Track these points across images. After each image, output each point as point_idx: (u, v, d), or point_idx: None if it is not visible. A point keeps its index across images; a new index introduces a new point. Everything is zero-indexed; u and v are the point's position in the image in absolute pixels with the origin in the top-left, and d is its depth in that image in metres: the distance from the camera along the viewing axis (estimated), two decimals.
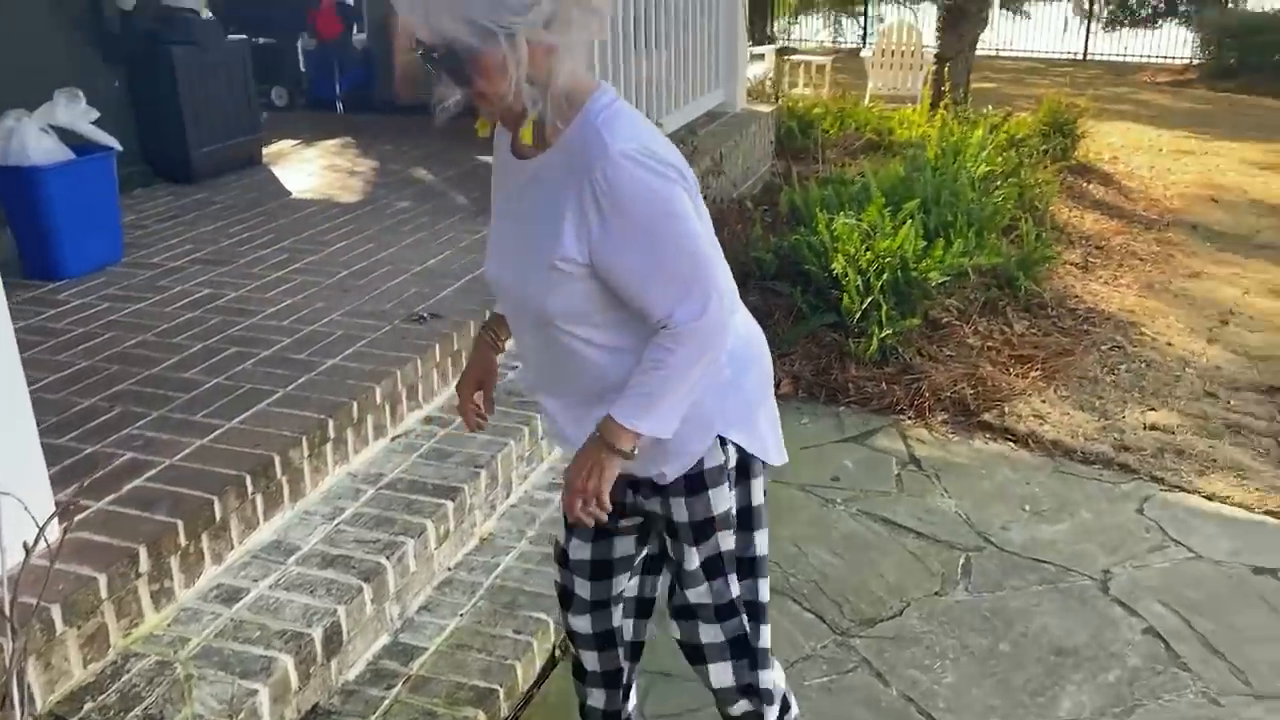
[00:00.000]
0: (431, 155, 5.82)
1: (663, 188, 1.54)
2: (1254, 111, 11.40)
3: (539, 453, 3.28)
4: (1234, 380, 4.51)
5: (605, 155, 1.52)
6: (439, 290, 3.67)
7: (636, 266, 1.58)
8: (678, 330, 1.60)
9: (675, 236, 1.57)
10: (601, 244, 1.56)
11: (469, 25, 1.45)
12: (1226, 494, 3.63)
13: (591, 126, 1.55)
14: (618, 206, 1.53)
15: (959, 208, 5.25)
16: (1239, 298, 5.57)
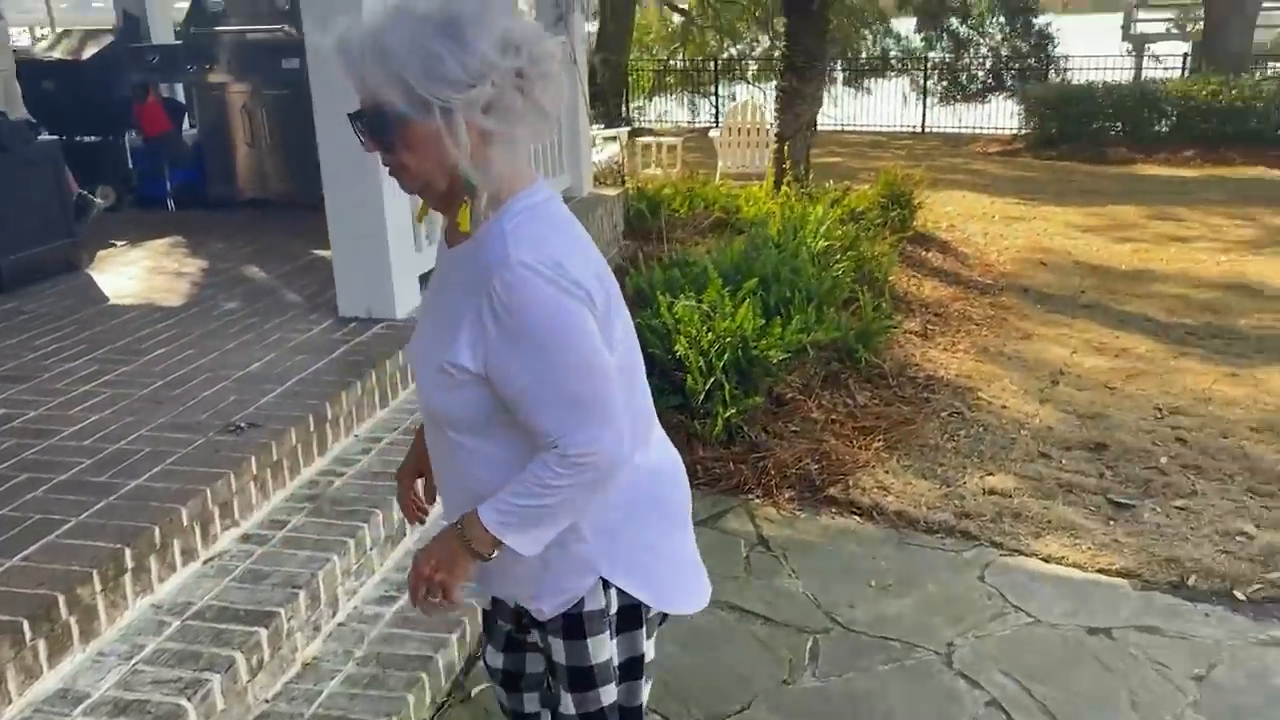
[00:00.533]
0: (267, 250, 5.64)
1: (563, 304, 1.47)
2: (1075, 177, 12.13)
3: (368, 565, 3.12)
4: (1065, 440, 4.67)
5: (505, 263, 1.46)
6: (260, 396, 3.50)
7: (529, 384, 1.50)
8: (566, 456, 1.51)
9: (572, 358, 1.49)
10: (495, 355, 1.49)
11: (404, 91, 1.41)
12: (1061, 554, 3.72)
13: (499, 229, 1.50)
14: (513, 318, 1.46)
15: (798, 284, 5.35)
16: (1067, 357, 5.82)
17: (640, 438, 1.69)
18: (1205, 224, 9.31)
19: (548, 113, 1.50)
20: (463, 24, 1.42)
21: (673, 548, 1.80)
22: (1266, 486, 4.21)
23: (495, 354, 1.49)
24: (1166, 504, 4.08)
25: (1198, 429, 4.79)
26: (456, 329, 1.50)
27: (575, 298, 1.48)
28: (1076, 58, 17.21)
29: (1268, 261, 7.86)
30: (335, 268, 4.35)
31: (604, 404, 1.52)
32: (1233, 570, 3.57)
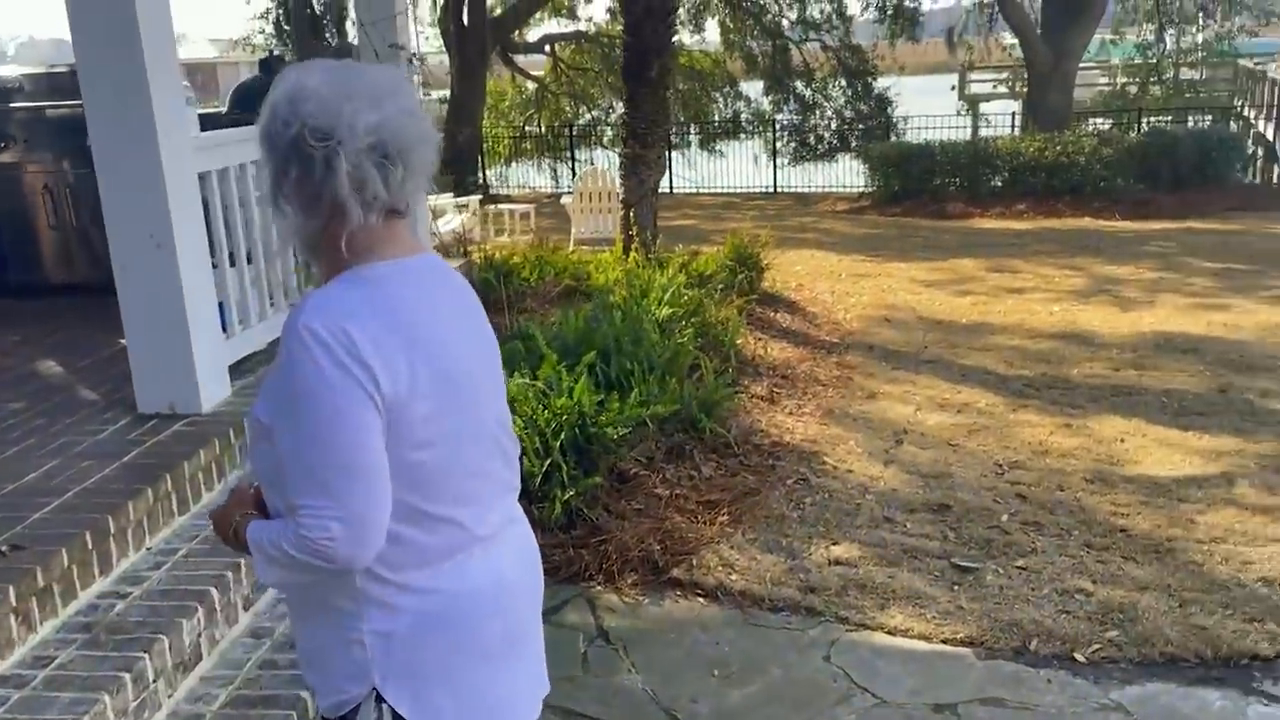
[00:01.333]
0: (67, 342, 5.21)
1: (328, 378, 1.44)
2: (918, 233, 12.52)
3: (153, 699, 2.79)
4: (909, 502, 4.64)
5: (293, 323, 1.47)
6: (33, 512, 3.14)
7: (284, 450, 1.49)
8: (299, 533, 1.47)
9: (321, 436, 1.45)
10: (273, 413, 1.51)
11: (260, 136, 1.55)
12: (906, 626, 3.63)
13: (312, 292, 1.54)
14: (282, 380, 1.47)
15: (640, 354, 5.23)
16: (911, 415, 5.85)
17: (438, 554, 1.60)
18: (1038, 274, 9.67)
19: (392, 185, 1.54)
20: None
21: (472, 681, 1.65)
22: (1101, 540, 4.24)
23: (273, 412, 1.51)
24: (1008, 564, 4.06)
25: (1036, 483, 4.83)
26: (264, 381, 1.58)
27: (347, 373, 1.44)
28: (915, 118, 17.96)
29: (1096, 310, 8.18)
30: (131, 360, 4.00)
31: (345, 496, 1.46)
32: (1072, 631, 3.55)
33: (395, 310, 1.53)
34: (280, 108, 1.52)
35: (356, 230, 1.52)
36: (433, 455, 1.55)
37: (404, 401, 1.49)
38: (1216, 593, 3.77)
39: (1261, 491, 4.60)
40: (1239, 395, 5.92)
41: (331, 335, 1.44)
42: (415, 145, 1.55)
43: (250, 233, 4.65)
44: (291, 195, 1.53)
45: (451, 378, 1.56)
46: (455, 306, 1.67)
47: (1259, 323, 7.51)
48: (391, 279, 1.55)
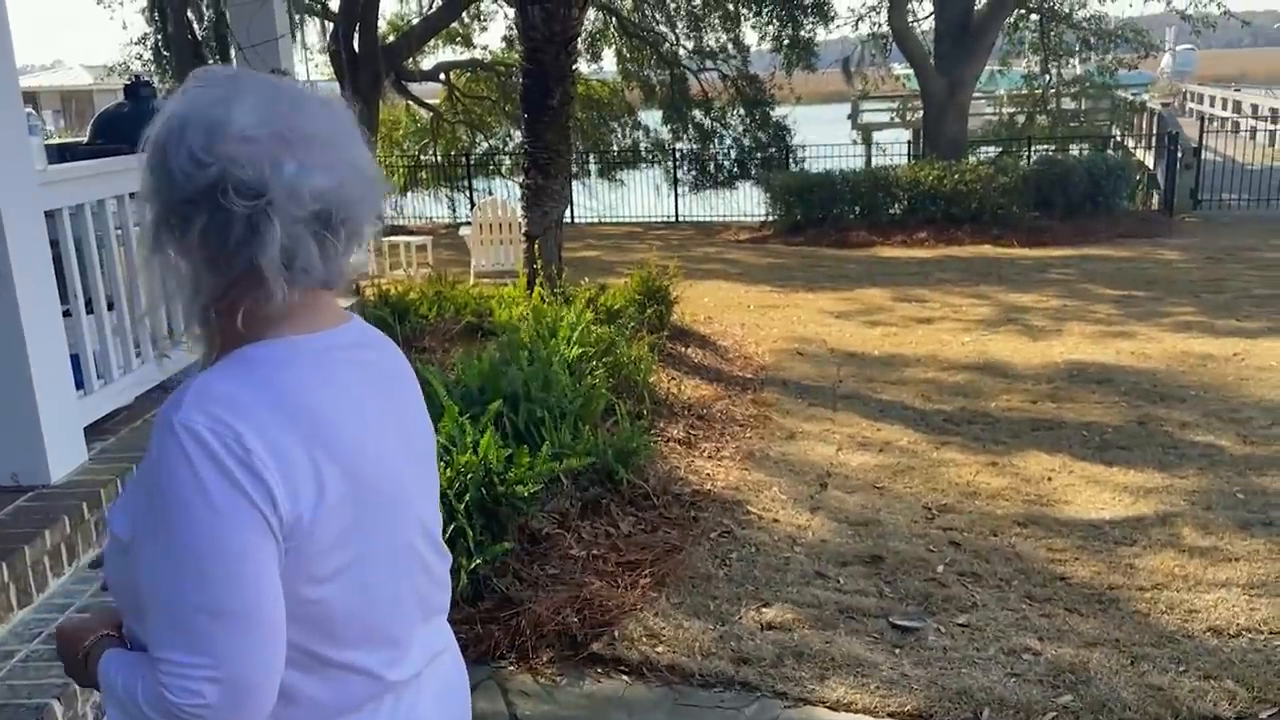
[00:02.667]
0: None
1: (212, 495, 1.10)
2: (823, 262, 12.47)
3: None
4: (840, 554, 4.37)
5: (167, 418, 1.14)
6: None
7: (143, 576, 1.14)
8: (159, 684, 1.11)
9: (201, 568, 1.10)
10: (137, 525, 1.17)
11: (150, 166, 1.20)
12: (849, 699, 3.34)
13: (195, 377, 1.18)
14: (154, 488, 1.12)
15: (550, 401, 4.88)
16: (833, 456, 5.61)
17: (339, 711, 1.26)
18: (946, 303, 9.63)
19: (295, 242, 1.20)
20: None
21: None
22: (1042, 590, 4.03)
23: (137, 530, 1.17)
24: (949, 621, 3.81)
25: (969, 528, 4.62)
26: (128, 488, 1.25)
27: (236, 490, 1.11)
28: (812, 146, 18.06)
29: (1005, 339, 8.13)
30: None
31: (224, 651, 1.10)
32: (1025, 698, 3.30)
33: (301, 404, 1.19)
34: (190, 139, 1.15)
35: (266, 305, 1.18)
36: (338, 590, 1.21)
37: (306, 525, 1.16)
38: (1166, 646, 3.58)
39: (1196, 532, 4.47)
40: (1158, 428, 5.85)
41: (217, 437, 1.11)
42: (361, 206, 1.23)
43: (112, 276, 4.16)
44: (190, 248, 1.18)
45: (368, 488, 1.22)
46: (381, 391, 1.32)
47: (1165, 351, 7.54)
48: (298, 361, 1.22)
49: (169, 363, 4.54)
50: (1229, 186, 15.20)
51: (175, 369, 4.59)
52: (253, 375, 1.18)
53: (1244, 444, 5.54)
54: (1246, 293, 9.47)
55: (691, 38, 19.90)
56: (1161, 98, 26.43)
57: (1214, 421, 5.91)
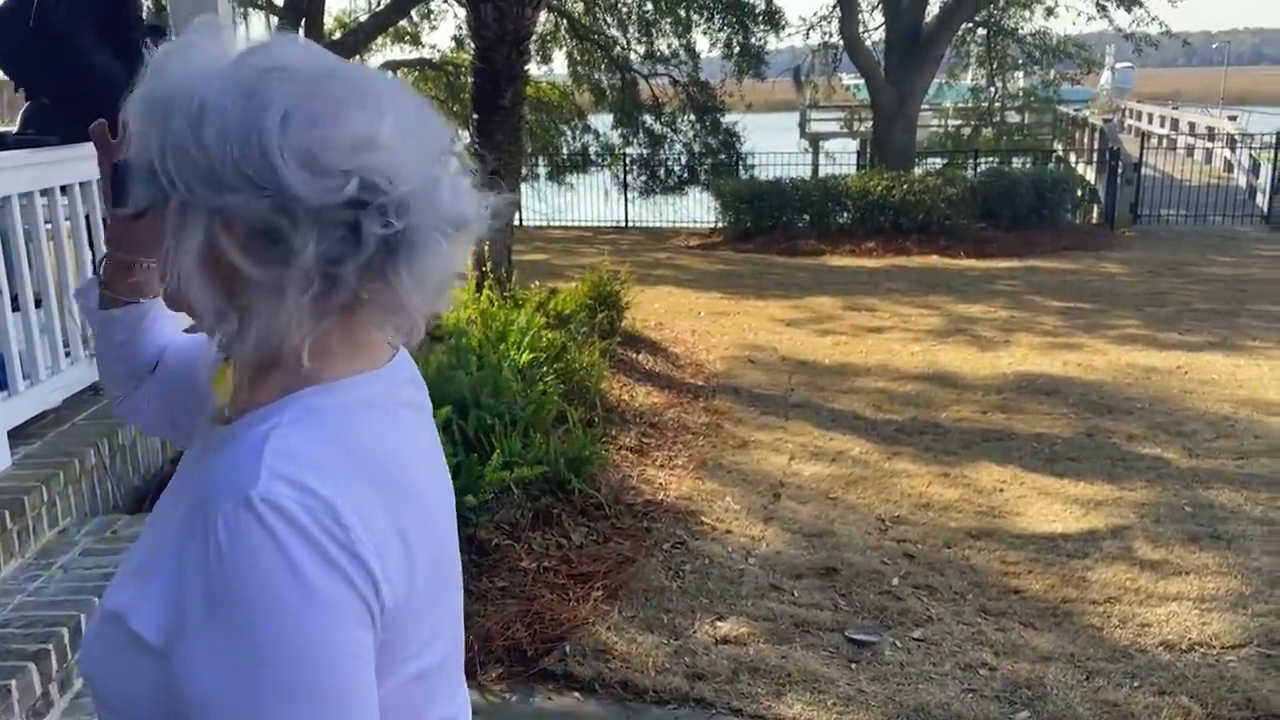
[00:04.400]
0: None
1: (312, 587, 0.84)
2: (773, 270, 12.47)
3: None
4: (794, 566, 4.31)
5: (242, 490, 0.86)
6: None
7: (211, 695, 0.85)
8: None
9: (301, 680, 0.85)
10: (187, 632, 0.86)
11: (142, 154, 0.93)
12: (806, 716, 3.27)
13: (258, 432, 0.91)
14: (224, 582, 0.85)
15: (500, 407, 4.76)
16: (786, 466, 5.56)
17: None
18: (895, 313, 9.66)
19: (348, 275, 0.92)
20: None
21: None
22: (996, 603, 4.01)
23: (188, 630, 0.87)
24: (905, 635, 3.76)
25: (922, 540, 4.59)
26: (149, 570, 0.93)
27: (340, 578, 0.86)
28: (761, 154, 18.11)
29: (955, 350, 8.17)
30: None
31: None
32: (982, 713, 3.26)
33: (383, 465, 0.97)
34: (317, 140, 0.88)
35: (302, 324, 0.94)
36: (432, 659, 1.00)
37: (403, 606, 0.93)
38: (1120, 661, 3.57)
39: (1146, 545, 4.49)
40: (1106, 439, 5.89)
41: (308, 512, 0.87)
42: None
43: (40, 272, 3.96)
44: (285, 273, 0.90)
45: (440, 543, 1.03)
46: (432, 434, 1.12)
47: (1111, 363, 7.62)
48: (372, 412, 0.99)
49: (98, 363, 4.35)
50: (1168, 202, 15.51)
51: None
52: (328, 431, 0.95)
53: (1189, 457, 5.59)
54: (1188, 307, 9.64)
55: (643, 42, 19.86)
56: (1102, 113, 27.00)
57: (1160, 434, 5.96)
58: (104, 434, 3.90)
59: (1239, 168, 17.81)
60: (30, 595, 3.10)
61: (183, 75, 0.92)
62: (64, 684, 2.92)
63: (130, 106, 0.93)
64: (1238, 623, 3.79)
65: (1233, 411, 6.34)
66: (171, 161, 0.90)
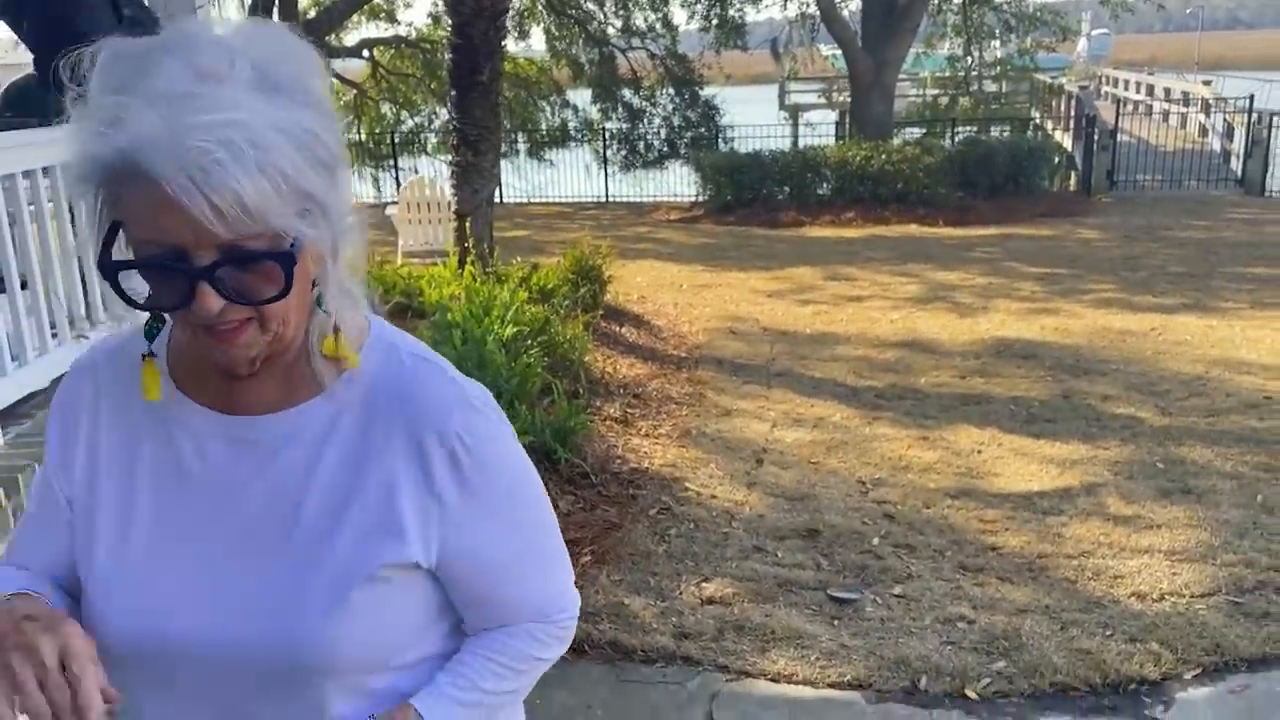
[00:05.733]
0: None
1: (518, 444, 1.13)
2: (754, 243, 12.53)
3: None
4: (777, 528, 4.41)
5: (463, 401, 1.06)
6: None
7: (512, 555, 1.12)
8: (554, 623, 1.20)
9: (546, 507, 1.17)
10: (460, 528, 1.06)
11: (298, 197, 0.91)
12: (790, 671, 3.37)
13: (401, 363, 1.07)
14: (485, 471, 1.06)
15: (485, 379, 4.81)
16: (768, 433, 5.66)
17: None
18: (875, 282, 9.76)
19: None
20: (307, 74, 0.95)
21: None
22: (974, 560, 4.12)
23: (461, 526, 1.06)
24: (885, 593, 3.87)
25: (902, 501, 4.70)
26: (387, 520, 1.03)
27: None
28: (741, 126, 18.12)
29: (933, 316, 8.27)
30: None
31: (566, 568, 1.23)
32: (960, 664, 3.37)
33: None
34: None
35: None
36: None
37: None
38: (1094, 611, 3.68)
39: (1119, 501, 4.60)
40: (1081, 401, 6.01)
41: (487, 400, 1.11)
42: None
43: (25, 254, 3.98)
44: (331, 237, 1.01)
45: None
46: None
47: (1086, 326, 7.74)
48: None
49: (86, 345, 4.39)
50: (1143, 168, 15.64)
51: None
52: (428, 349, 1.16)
53: (1162, 415, 5.71)
54: (1162, 270, 9.77)
55: (620, 16, 19.80)
56: (1078, 81, 27.08)
57: (1134, 394, 6.08)
58: None
59: (1214, 132, 17.95)
60: None
61: (220, 119, 0.86)
62: None
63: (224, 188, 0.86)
64: (1207, 572, 3.91)
65: (1204, 371, 6.47)
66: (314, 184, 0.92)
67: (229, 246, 0.89)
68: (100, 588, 1.05)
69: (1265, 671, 3.30)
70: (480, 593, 1.13)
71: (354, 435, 1.05)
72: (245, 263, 0.91)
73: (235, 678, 1.04)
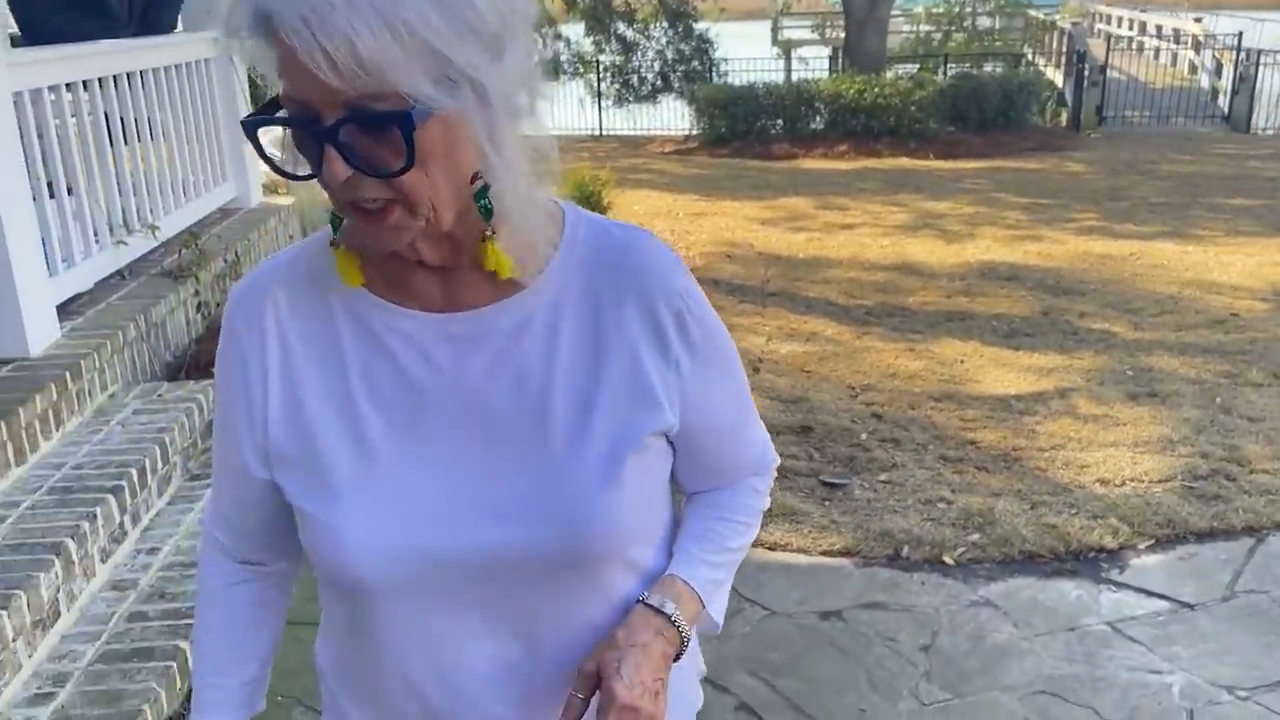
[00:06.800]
0: None
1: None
2: (748, 173, 12.76)
3: (11, 660, 2.54)
4: (773, 426, 4.74)
5: (676, 263, 1.07)
6: None
7: (734, 408, 1.15)
8: (767, 473, 1.25)
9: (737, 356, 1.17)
10: (695, 389, 1.07)
11: (429, 64, 0.83)
12: (785, 541, 3.73)
13: (615, 236, 1.07)
14: (706, 332, 1.08)
15: None
16: (764, 345, 5.98)
17: None
18: (866, 211, 10.03)
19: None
20: None
21: None
22: (955, 453, 4.47)
23: (695, 386, 1.07)
24: (873, 479, 4.22)
25: (889, 403, 5.04)
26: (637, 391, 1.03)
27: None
28: (735, 60, 18.21)
29: (922, 243, 8.57)
30: None
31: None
32: (939, 536, 3.73)
33: None
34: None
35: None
36: None
37: None
38: (1061, 494, 4.05)
39: (1090, 403, 4.96)
40: (1060, 317, 6.34)
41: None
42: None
43: (70, 162, 4.24)
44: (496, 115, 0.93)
45: None
46: None
47: (1068, 251, 8.05)
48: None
49: (125, 250, 4.66)
50: (1133, 103, 15.85)
51: (131, 257, 4.72)
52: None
53: (1135, 330, 6.06)
54: (1145, 201, 10.06)
55: None
56: (1071, 17, 27.07)
57: (1110, 311, 6.42)
58: (139, 312, 4.23)
59: (1203, 70, 18.13)
60: (97, 445, 3.48)
61: None
62: (134, 517, 3.32)
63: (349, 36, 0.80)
64: (1165, 462, 4.27)
65: (1178, 291, 6.81)
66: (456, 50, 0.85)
67: (351, 105, 0.83)
68: (348, 514, 1.00)
69: (1212, 542, 3.68)
70: (711, 451, 1.14)
71: (585, 314, 1.03)
72: (367, 126, 0.85)
73: (510, 577, 1.02)
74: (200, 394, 3.95)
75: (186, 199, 5.39)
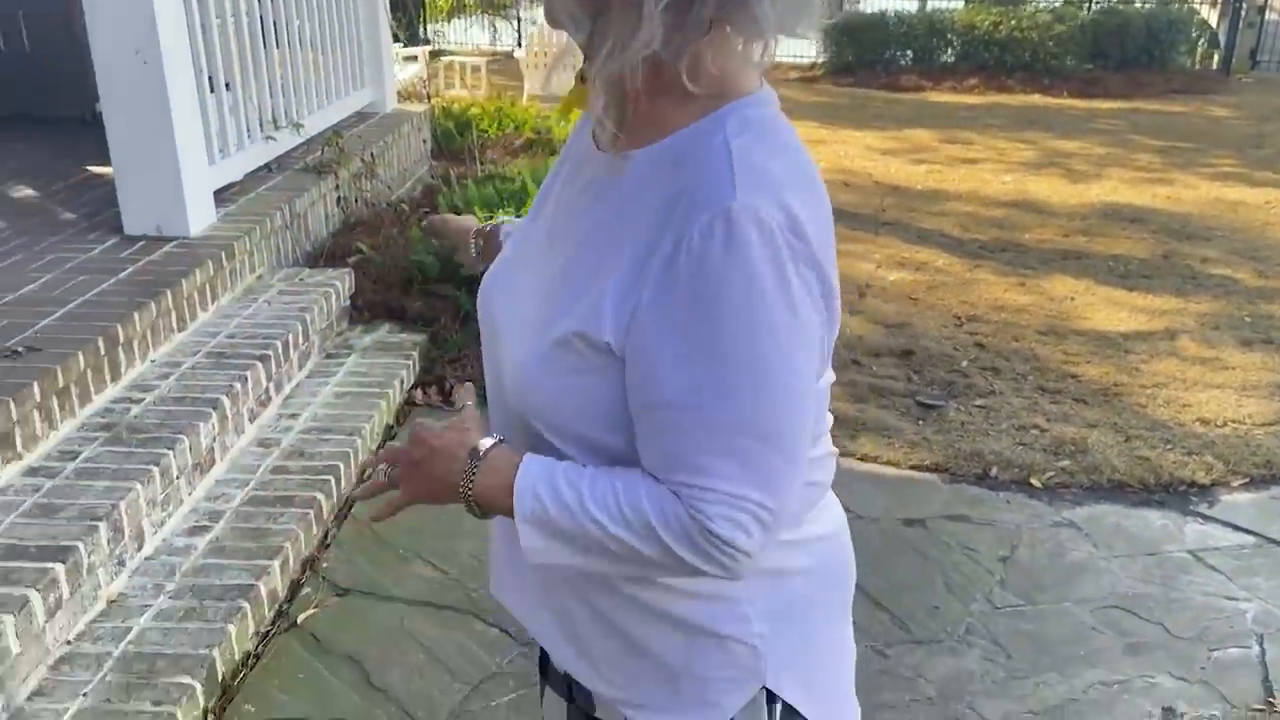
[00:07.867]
0: (29, 169, 5.10)
1: (787, 287, 0.91)
2: (871, 104, 12.57)
3: (175, 495, 2.90)
4: (875, 348, 4.86)
5: (725, 197, 0.90)
6: (39, 319, 3.17)
7: (680, 395, 0.93)
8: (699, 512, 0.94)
9: (774, 383, 0.92)
10: (645, 330, 0.93)
11: None
12: (876, 453, 3.88)
13: (719, 142, 0.94)
14: (699, 284, 0.90)
15: None
16: (873, 272, 6.04)
17: (823, 489, 1.19)
18: (991, 147, 9.84)
19: None
20: None
21: (844, 640, 1.28)
22: (1054, 384, 4.51)
23: (646, 328, 0.93)
24: (969, 404, 4.31)
25: (993, 334, 5.08)
26: (596, 279, 0.97)
27: (806, 282, 0.93)
28: None
29: (1046, 181, 8.40)
30: (117, 182, 3.97)
31: (782, 483, 0.95)
32: (1029, 460, 3.83)
33: (812, 174, 1.00)
34: None
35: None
36: (826, 373, 1.08)
37: (833, 314, 1.00)
38: (1159, 430, 4.08)
39: (1200, 345, 4.91)
40: (1181, 261, 6.22)
41: (785, 227, 0.91)
42: None
43: (229, 59, 4.55)
44: None
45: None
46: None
47: (1199, 196, 7.81)
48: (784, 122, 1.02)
49: (273, 145, 4.99)
50: None
51: (278, 151, 5.05)
52: (774, 141, 0.97)
53: (1259, 278, 5.91)
54: None
55: None
56: None
57: (1234, 258, 6.26)
58: (284, 202, 4.56)
59: None
60: (246, 319, 3.82)
61: None
62: (278, 385, 3.66)
63: None
64: (1272, 407, 4.25)
65: None
66: None
67: None
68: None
69: None
70: (638, 417, 0.97)
71: (634, 195, 0.98)
72: None
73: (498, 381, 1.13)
74: (337, 280, 4.26)
75: (329, 101, 5.70)
